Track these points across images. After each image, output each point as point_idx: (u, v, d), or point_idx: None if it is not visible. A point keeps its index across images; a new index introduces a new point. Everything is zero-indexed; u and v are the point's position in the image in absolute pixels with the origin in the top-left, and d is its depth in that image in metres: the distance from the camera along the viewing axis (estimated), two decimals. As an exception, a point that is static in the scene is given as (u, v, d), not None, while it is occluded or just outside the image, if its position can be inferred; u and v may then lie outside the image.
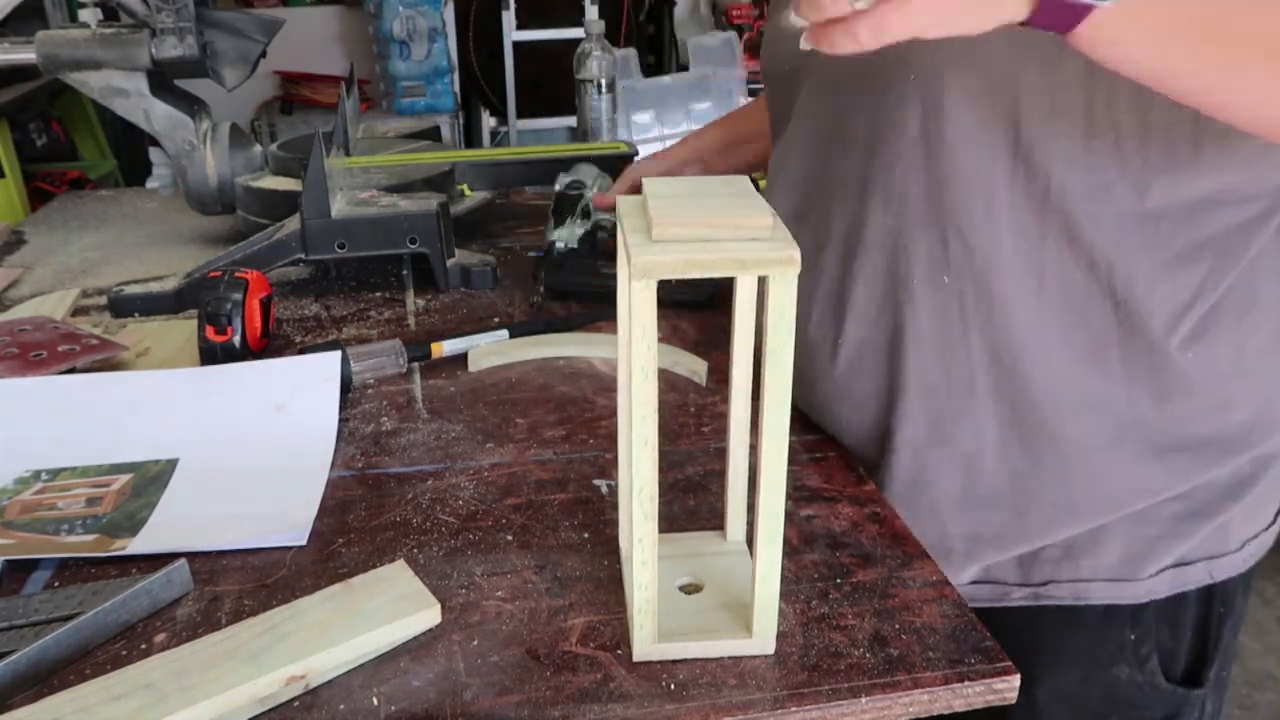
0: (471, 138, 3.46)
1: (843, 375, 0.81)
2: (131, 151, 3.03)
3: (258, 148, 1.37)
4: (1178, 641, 0.84)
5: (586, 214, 1.18)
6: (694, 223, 0.54)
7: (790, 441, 0.84)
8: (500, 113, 3.45)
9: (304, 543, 0.73)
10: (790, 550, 0.71)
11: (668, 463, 0.81)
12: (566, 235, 1.16)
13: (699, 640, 0.62)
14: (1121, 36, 0.53)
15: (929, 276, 0.74)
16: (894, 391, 0.79)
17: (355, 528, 0.75)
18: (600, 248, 1.17)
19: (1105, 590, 0.81)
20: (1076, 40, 0.53)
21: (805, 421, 0.88)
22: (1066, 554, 0.80)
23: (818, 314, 0.82)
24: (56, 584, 0.69)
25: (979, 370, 0.75)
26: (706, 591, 0.66)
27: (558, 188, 1.25)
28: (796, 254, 0.52)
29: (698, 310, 1.11)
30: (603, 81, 2.00)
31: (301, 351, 0.98)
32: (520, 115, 3.32)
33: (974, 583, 0.84)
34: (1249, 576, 0.85)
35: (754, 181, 0.59)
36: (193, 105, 1.32)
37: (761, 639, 0.62)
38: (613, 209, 0.77)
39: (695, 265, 0.53)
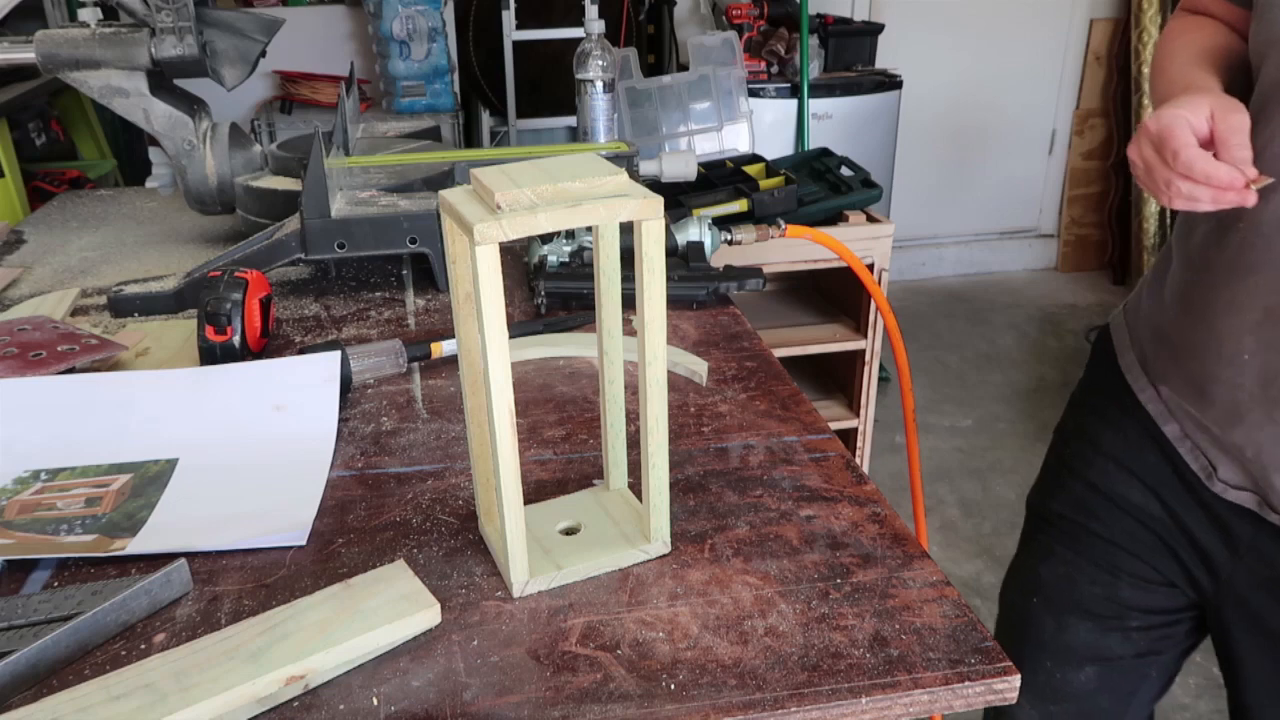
0: (471, 137, 3.46)
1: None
2: (131, 151, 3.03)
3: (257, 147, 1.37)
4: None
5: (570, 234, 1.19)
6: (544, 189, 0.59)
7: (791, 441, 0.84)
8: (500, 112, 3.45)
9: (304, 543, 0.72)
10: (790, 550, 0.71)
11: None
12: (555, 250, 1.17)
13: (581, 564, 0.69)
14: None
15: None
16: None
17: (355, 528, 0.75)
18: (591, 261, 1.17)
19: None
20: None
21: (805, 421, 0.88)
22: None
23: None
24: (56, 584, 0.69)
25: None
26: (587, 529, 0.72)
27: None
28: (659, 200, 0.61)
29: (698, 310, 1.12)
30: (603, 81, 2.00)
31: (301, 351, 0.97)
32: (520, 115, 3.31)
33: None
34: None
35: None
36: (192, 105, 1.32)
37: (658, 541, 0.70)
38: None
39: (560, 220, 0.59)
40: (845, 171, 2.24)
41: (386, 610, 0.63)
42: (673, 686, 0.59)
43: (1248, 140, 0.76)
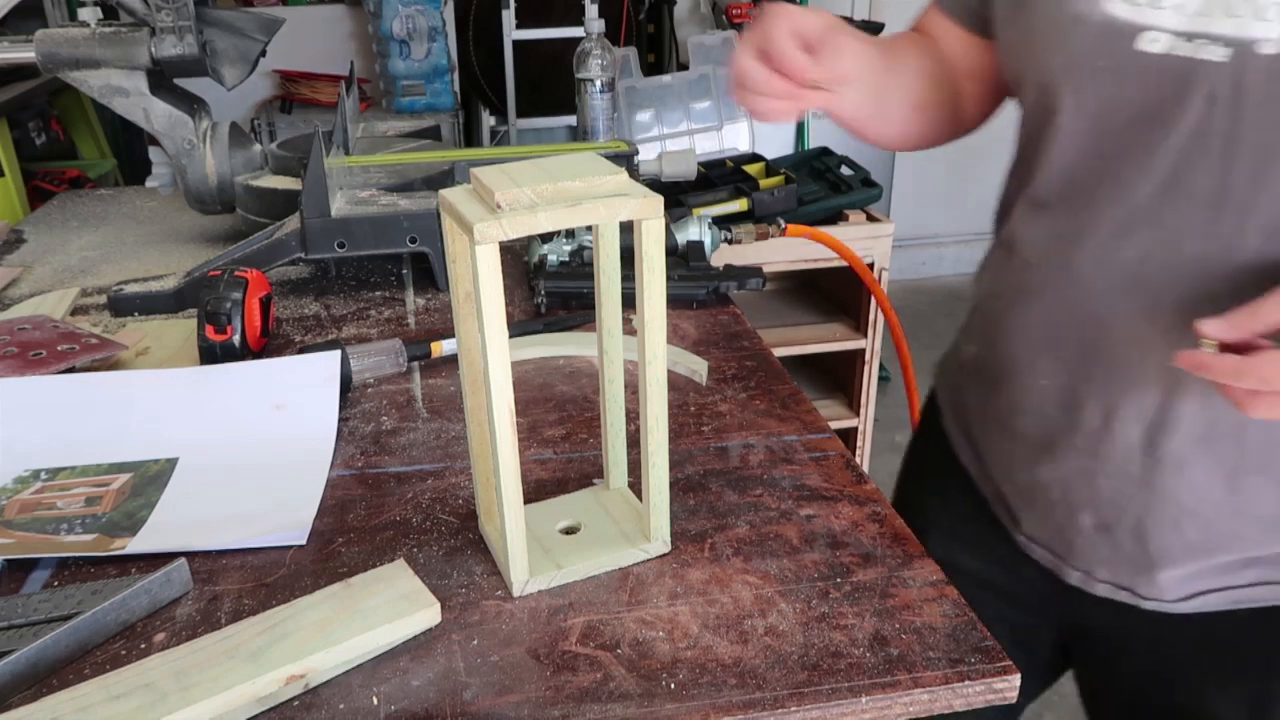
0: (471, 137, 3.45)
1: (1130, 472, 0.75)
2: (131, 150, 3.03)
3: (257, 147, 1.37)
4: None
5: (570, 234, 1.19)
6: (544, 188, 0.59)
7: (791, 441, 0.84)
8: (500, 112, 3.44)
9: (304, 542, 0.72)
10: (790, 550, 0.71)
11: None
12: (555, 250, 1.17)
13: (581, 563, 0.69)
14: None
15: None
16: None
17: (355, 527, 0.75)
18: (591, 260, 1.17)
19: None
20: None
21: (805, 421, 0.88)
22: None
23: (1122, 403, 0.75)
24: (56, 583, 0.69)
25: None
26: (587, 529, 0.72)
27: None
28: (659, 200, 0.61)
29: (698, 309, 1.12)
30: (603, 81, 2.00)
31: (301, 351, 0.97)
32: (520, 114, 3.31)
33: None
34: None
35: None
36: (192, 104, 1.32)
37: (658, 540, 0.70)
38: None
39: (560, 219, 0.59)
40: (845, 171, 2.24)
41: (386, 610, 0.63)
42: (673, 686, 0.59)
43: (839, 49, 0.75)
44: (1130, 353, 0.72)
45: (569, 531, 0.73)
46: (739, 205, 1.98)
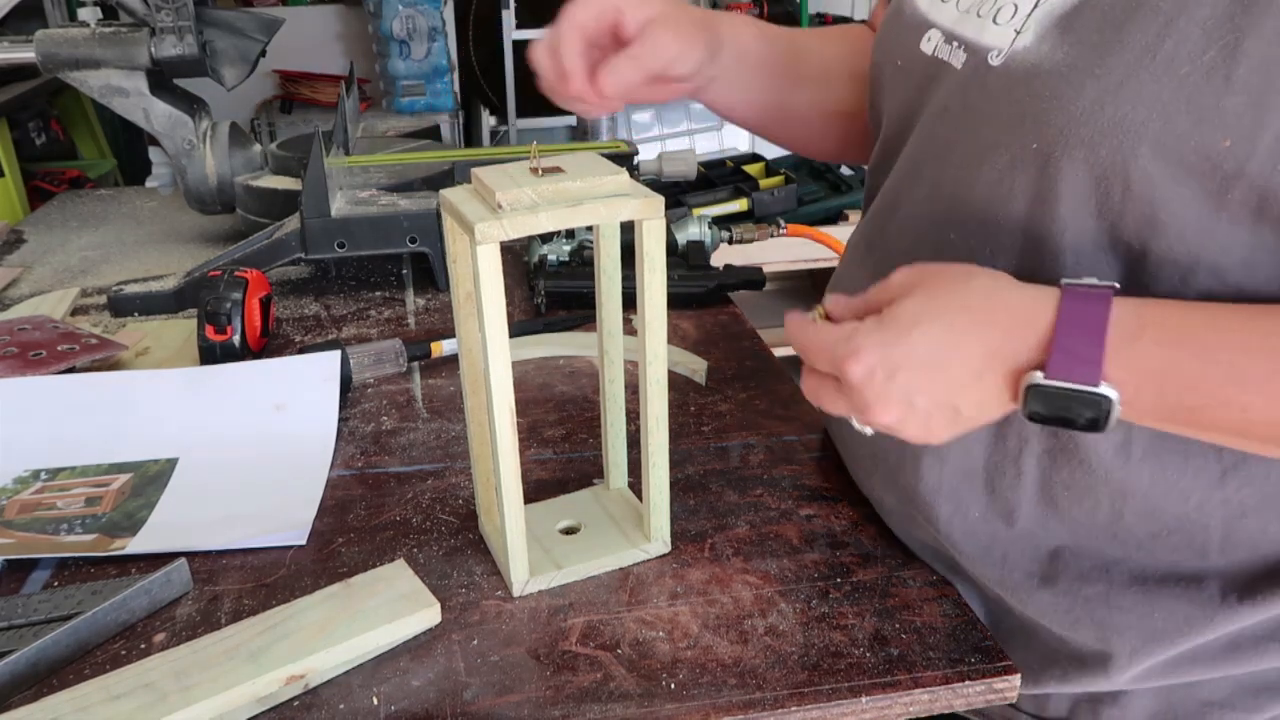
0: (471, 137, 3.46)
1: (875, 439, 0.65)
2: (131, 150, 3.03)
3: (257, 147, 1.37)
4: None
5: (570, 234, 1.19)
6: (545, 188, 0.59)
7: (791, 441, 0.84)
8: (500, 112, 3.45)
9: (304, 542, 0.72)
10: (790, 550, 0.71)
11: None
12: (555, 250, 1.17)
13: (581, 564, 0.69)
14: (1136, 419, 0.52)
15: None
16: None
17: (355, 527, 0.75)
18: (591, 260, 1.17)
19: None
20: None
21: (805, 420, 0.88)
22: (1088, 698, 0.67)
23: None
24: (56, 584, 0.69)
25: (1023, 501, 0.62)
26: (587, 529, 0.73)
27: None
28: (660, 200, 0.60)
29: (698, 308, 1.12)
30: (602, 81, 1.99)
31: (301, 351, 0.97)
32: (520, 114, 3.31)
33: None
34: None
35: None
36: (192, 104, 1.32)
37: (658, 540, 0.70)
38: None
39: (560, 219, 0.59)
40: (845, 170, 2.24)
41: (386, 610, 0.63)
42: (673, 686, 0.59)
43: (657, 44, 0.69)
44: None
45: (569, 531, 0.73)
46: (739, 205, 1.98)
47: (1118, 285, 0.51)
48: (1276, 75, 0.47)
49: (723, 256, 1.25)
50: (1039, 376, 0.50)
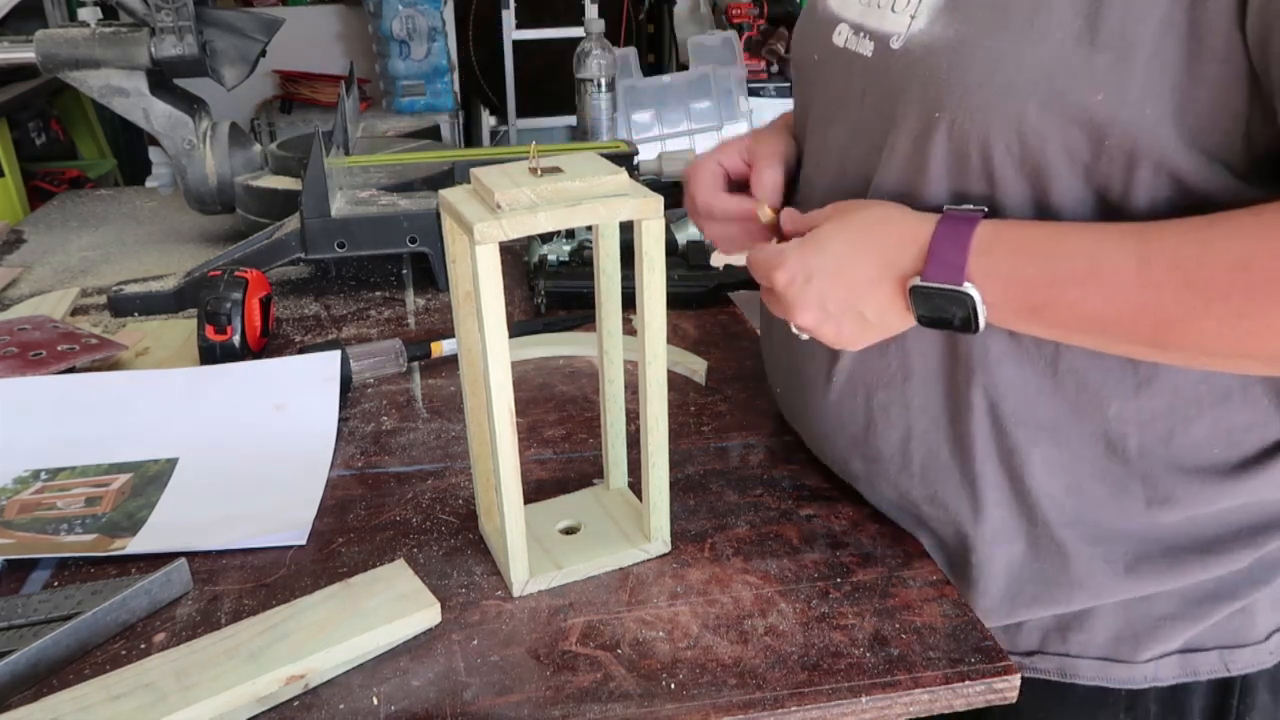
0: (471, 137, 3.45)
1: (832, 409, 0.74)
2: (131, 150, 3.03)
3: (257, 147, 1.37)
4: None
5: (570, 234, 1.19)
6: (544, 188, 0.59)
7: (788, 440, 0.84)
8: (500, 112, 3.44)
9: (304, 542, 0.72)
10: (790, 550, 0.71)
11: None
12: (555, 250, 1.17)
13: (581, 564, 0.69)
14: (1000, 321, 0.61)
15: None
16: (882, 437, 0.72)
17: (355, 527, 0.75)
18: (590, 260, 1.17)
19: (1096, 670, 0.72)
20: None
21: (805, 421, 0.88)
22: (1055, 624, 0.72)
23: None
24: (56, 584, 0.69)
25: (979, 433, 0.67)
26: (587, 529, 0.73)
27: None
28: (659, 200, 0.61)
29: (698, 308, 1.11)
30: (603, 80, 2.00)
31: (301, 351, 0.97)
32: (520, 114, 3.31)
33: None
34: None
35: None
36: (192, 104, 1.32)
37: (658, 540, 0.70)
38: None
39: (560, 219, 0.59)
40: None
41: (386, 610, 0.63)
42: (673, 686, 0.59)
43: (775, 165, 0.77)
44: None
45: (569, 531, 0.73)
46: (739, 205, 1.97)
47: (985, 209, 0.61)
48: (1132, 35, 0.54)
49: (723, 256, 1.25)
50: (918, 280, 0.60)
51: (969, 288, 0.59)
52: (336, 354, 0.92)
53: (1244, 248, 0.52)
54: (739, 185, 0.79)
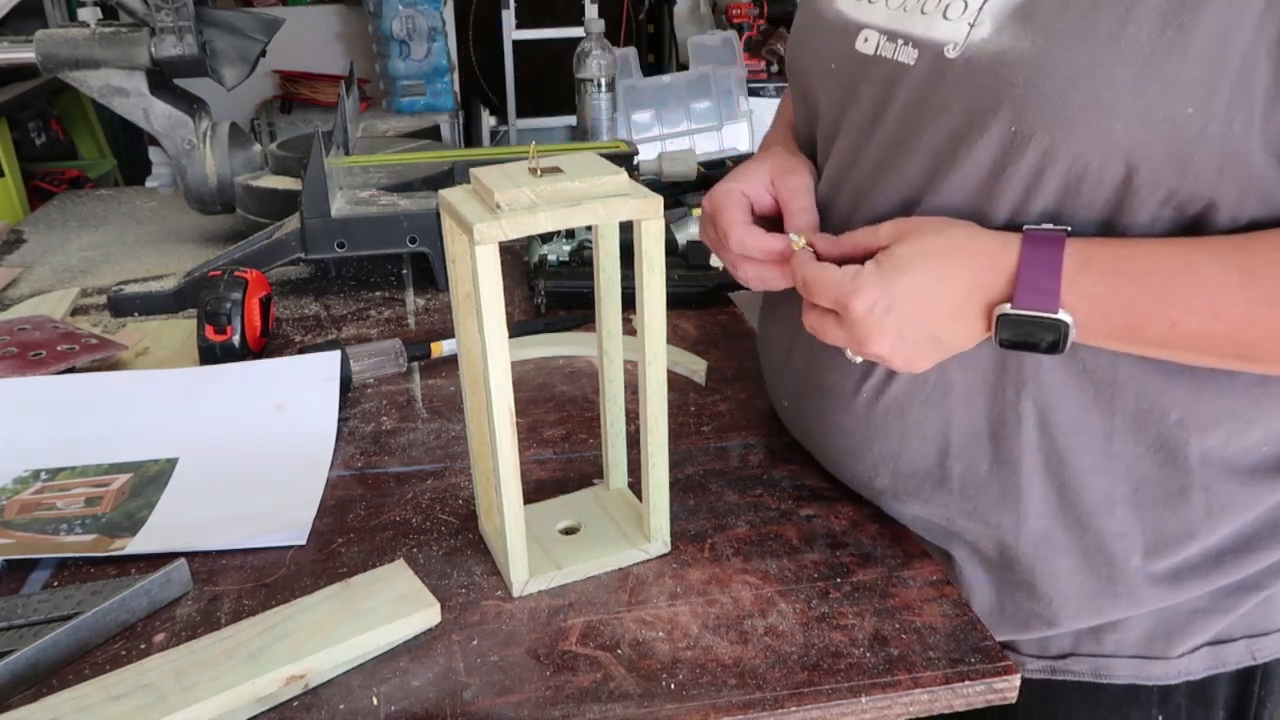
0: (471, 137, 3.45)
1: (860, 426, 0.72)
2: (131, 150, 3.03)
3: (257, 147, 1.37)
4: None
5: (570, 234, 1.19)
6: (544, 188, 0.59)
7: (788, 440, 0.84)
8: (500, 112, 3.45)
9: (303, 542, 0.72)
10: (790, 550, 0.71)
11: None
12: (555, 250, 1.17)
13: (581, 564, 0.69)
14: (1088, 340, 0.60)
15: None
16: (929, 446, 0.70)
17: (355, 527, 0.75)
18: (590, 260, 1.17)
19: (1131, 668, 0.71)
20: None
21: (805, 421, 0.88)
22: (1091, 628, 0.71)
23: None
24: (55, 584, 0.69)
25: (1026, 445, 0.66)
26: (587, 529, 0.73)
27: None
28: (659, 200, 0.61)
29: (698, 308, 1.11)
30: (603, 80, 2.00)
31: (301, 351, 0.97)
32: (520, 114, 3.31)
33: None
34: None
35: None
36: (192, 104, 1.32)
37: (657, 540, 0.70)
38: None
39: (560, 219, 0.59)
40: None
41: (386, 610, 0.63)
42: (672, 686, 0.59)
43: (810, 201, 0.72)
44: None
45: (569, 531, 0.73)
46: (739, 205, 1.97)
47: (1069, 229, 0.59)
48: (1224, 46, 0.53)
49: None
50: (1008, 307, 0.58)
51: (1064, 315, 0.57)
52: (336, 354, 0.92)
53: None
54: (763, 218, 0.74)
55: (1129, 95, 0.55)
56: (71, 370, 0.94)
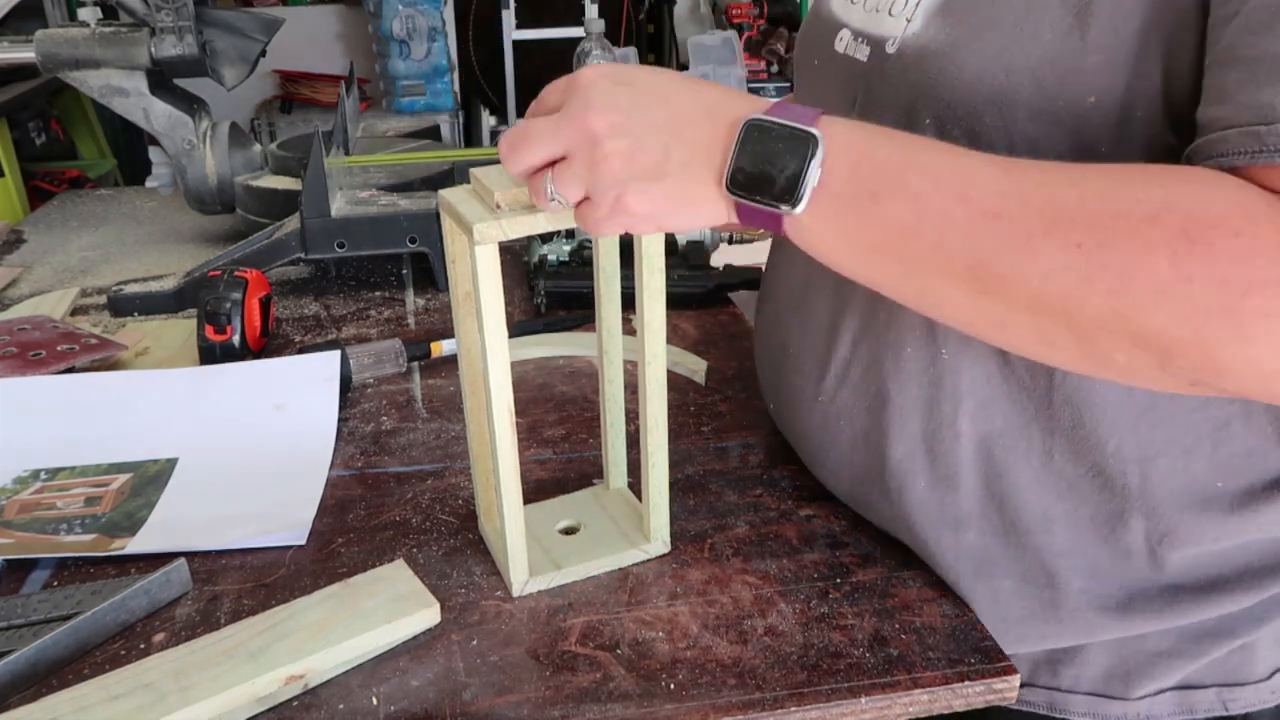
0: (471, 137, 3.46)
1: (819, 429, 0.72)
2: (131, 150, 3.03)
3: (257, 147, 1.37)
4: None
5: (570, 234, 1.19)
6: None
7: (787, 440, 0.83)
8: (500, 112, 3.45)
9: (303, 542, 0.72)
10: (790, 550, 0.71)
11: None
12: (555, 250, 1.17)
13: (581, 564, 0.69)
14: (817, 242, 0.53)
15: (924, 344, 0.64)
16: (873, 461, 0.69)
17: (355, 527, 0.75)
18: (590, 260, 1.17)
19: (1087, 706, 0.69)
20: (789, 236, 0.54)
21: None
22: (1046, 657, 0.69)
23: (808, 356, 0.72)
24: (55, 584, 0.69)
25: (964, 461, 0.64)
26: (587, 529, 0.73)
27: None
28: None
29: (698, 308, 1.11)
30: (602, 81, 1.99)
31: (301, 351, 0.97)
32: (520, 114, 3.31)
33: None
34: None
35: None
36: (192, 104, 1.32)
37: (657, 540, 0.70)
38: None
39: (560, 219, 0.58)
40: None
41: (386, 610, 0.63)
42: (672, 686, 0.59)
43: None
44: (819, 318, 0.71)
45: (569, 531, 0.73)
46: (739, 205, 1.97)
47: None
48: (1123, 33, 0.51)
49: (722, 256, 1.25)
50: (759, 114, 0.52)
51: (816, 131, 0.50)
52: (336, 354, 0.92)
53: (1123, 193, 0.47)
54: None
55: (1030, 84, 0.54)
56: (71, 370, 0.94)
